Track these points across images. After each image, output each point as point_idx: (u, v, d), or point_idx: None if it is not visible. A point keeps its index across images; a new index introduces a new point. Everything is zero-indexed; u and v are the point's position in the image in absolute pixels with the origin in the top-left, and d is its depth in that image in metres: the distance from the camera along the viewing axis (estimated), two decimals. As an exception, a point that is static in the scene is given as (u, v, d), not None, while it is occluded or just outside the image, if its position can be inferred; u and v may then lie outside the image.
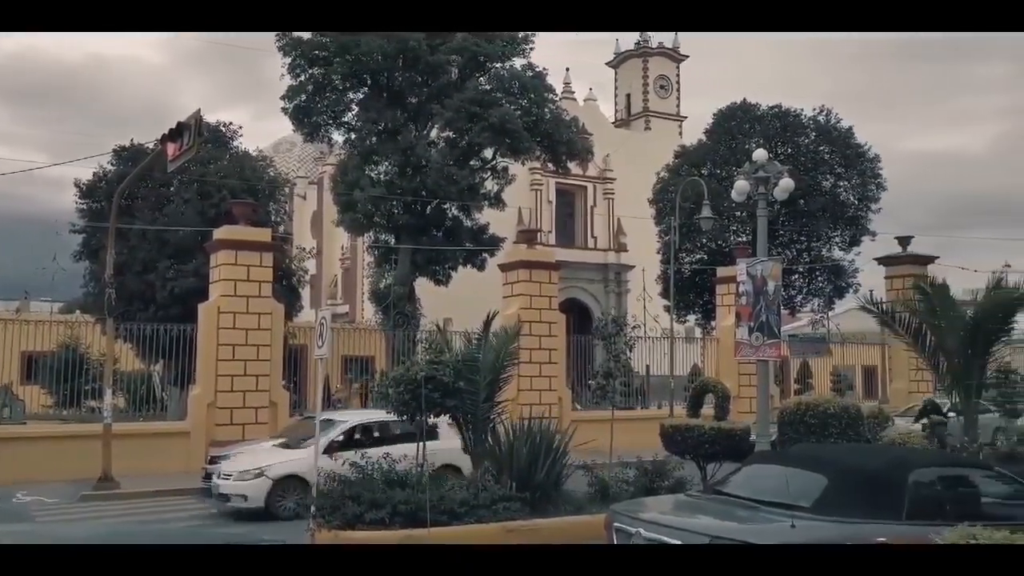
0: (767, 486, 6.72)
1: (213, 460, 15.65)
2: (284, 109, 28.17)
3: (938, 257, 27.45)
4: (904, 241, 27.40)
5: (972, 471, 7.56)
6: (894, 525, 6.09)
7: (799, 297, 36.88)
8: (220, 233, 19.13)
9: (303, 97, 27.82)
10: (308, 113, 28.14)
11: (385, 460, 11.44)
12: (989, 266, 34.89)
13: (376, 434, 14.30)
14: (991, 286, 15.46)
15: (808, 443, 12.79)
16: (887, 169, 37.62)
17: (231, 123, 27.99)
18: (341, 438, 13.83)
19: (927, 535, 4.97)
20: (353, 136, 29.15)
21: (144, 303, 22.97)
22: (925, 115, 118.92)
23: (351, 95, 28.83)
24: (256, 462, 13.58)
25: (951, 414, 16.96)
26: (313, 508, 10.57)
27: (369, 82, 28.21)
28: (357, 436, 14.18)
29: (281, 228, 26.88)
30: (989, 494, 7.02)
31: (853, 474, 6.63)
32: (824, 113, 36.26)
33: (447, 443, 13.14)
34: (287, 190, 31.00)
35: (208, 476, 15.56)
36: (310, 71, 27.59)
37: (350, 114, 29.09)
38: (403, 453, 12.60)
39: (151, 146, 17.98)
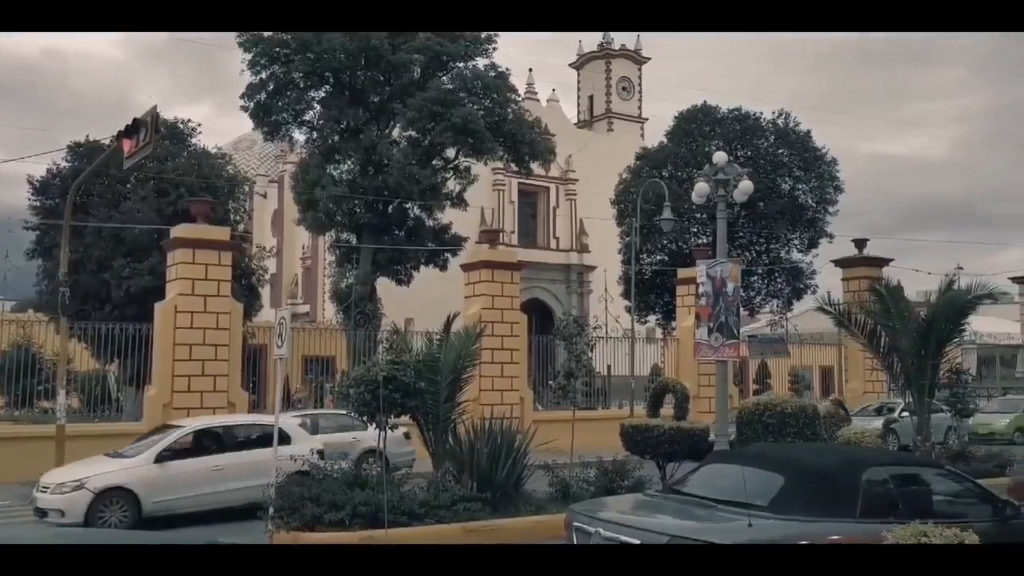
0: (725, 485, 6.78)
1: (43, 488, 14.94)
2: (244, 107, 27.89)
3: (893, 260, 27.98)
4: (860, 244, 27.87)
5: (924, 470, 7.71)
6: (848, 523, 6.19)
7: (758, 298, 37.33)
8: (177, 231, 18.87)
9: (263, 95, 27.56)
10: (268, 111, 27.87)
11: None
12: (942, 268, 35.65)
13: (217, 441, 13.29)
14: (944, 288, 15.81)
15: (765, 443, 12.96)
16: (844, 172, 38.24)
17: (189, 120, 27.58)
18: (175, 445, 12.77)
19: (880, 533, 5.06)
20: (314, 134, 28.94)
21: (99, 302, 22.59)
22: (882, 119, 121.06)
23: (312, 93, 28.61)
24: (76, 473, 12.31)
25: (905, 414, 17.30)
26: (272, 509, 10.47)
27: (331, 80, 28.01)
28: (194, 444, 13.15)
29: (240, 227, 26.56)
30: (940, 492, 7.16)
31: (808, 473, 6.72)
32: (783, 116, 36.77)
33: (299, 447, 12.87)
34: (247, 188, 30.69)
35: (39, 511, 14.84)
36: (271, 68, 27.32)
37: (311, 112, 28.90)
38: (246, 460, 12.46)
39: (107, 142, 17.66)
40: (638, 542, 6.06)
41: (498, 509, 10.88)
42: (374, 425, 11.27)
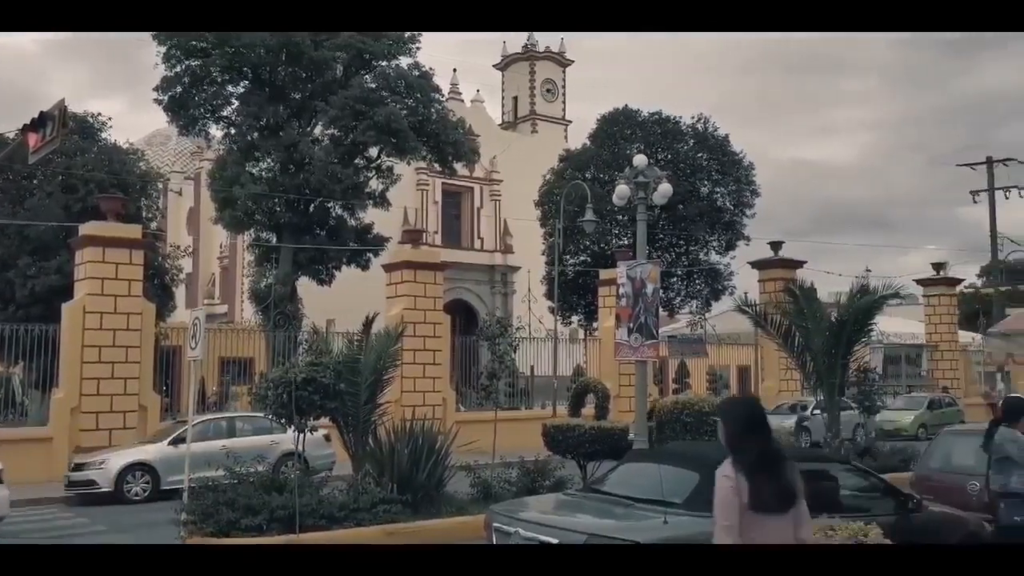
0: (642, 484, 6.87)
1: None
2: (158, 100, 27.11)
3: (806, 262, 28.77)
4: (775, 246, 28.59)
5: (831, 466, 7.93)
6: (760, 519, 6.32)
7: (678, 299, 38.08)
8: (86, 229, 18.23)
9: (179, 89, 26.82)
10: (184, 105, 27.15)
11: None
12: (853, 271, 36.85)
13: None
14: (854, 290, 16.33)
15: (682, 441, 13.18)
16: (761, 176, 39.29)
17: (100, 114, 26.71)
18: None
19: (789, 527, 5.17)
20: (233, 131, 28.30)
21: (3, 302, 21.86)
22: (796, 125, 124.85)
23: (231, 88, 28.00)
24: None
25: (816, 412, 17.81)
26: (184, 515, 10.18)
27: (250, 76, 27.46)
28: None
29: (153, 225, 25.83)
30: (847, 487, 7.39)
31: (722, 470, 6.85)
32: (702, 121, 37.58)
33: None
34: (160, 185, 29.82)
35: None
36: (187, 62, 26.61)
37: (229, 108, 28.23)
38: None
39: (12, 136, 16.95)
40: (556, 541, 6.09)
41: (419, 511, 10.81)
42: (292, 428, 11.13)
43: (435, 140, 28.03)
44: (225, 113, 28.28)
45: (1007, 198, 32.13)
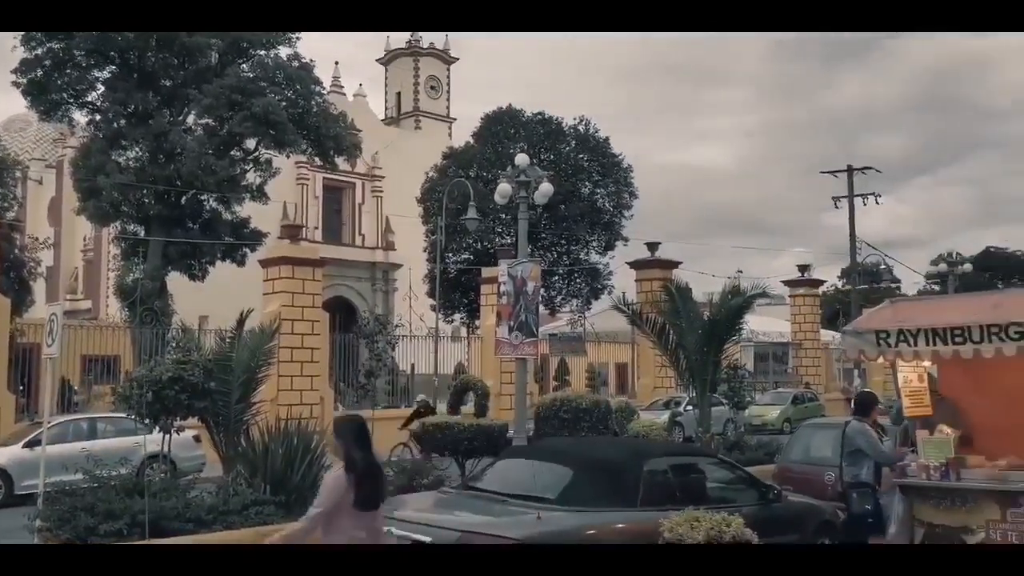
0: (517, 480, 6.92)
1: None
2: (16, 83, 25.52)
3: (682, 262, 29.62)
4: (652, 247, 29.32)
5: (700, 459, 8.22)
6: (629, 512, 6.48)
7: (559, 298, 38.63)
8: (-68, 217, 16.99)
9: (39, 71, 25.32)
10: (45, 89, 25.67)
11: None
12: (727, 271, 38.29)
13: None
14: (726, 290, 16.93)
15: (556, 437, 13.39)
16: (640, 179, 40.35)
17: (-50, 96, 24.93)
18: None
19: (658, 520, 5.32)
20: (98, 117, 26.99)
21: None
22: (676, 130, 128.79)
23: (96, 72, 26.68)
24: None
25: (689, 408, 18.40)
26: (38, 521, 9.59)
27: (117, 60, 26.22)
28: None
29: (10, 215, 24.31)
30: (714, 480, 7.66)
31: (594, 466, 6.98)
32: (583, 123, 38.22)
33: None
34: (18, 173, 28.08)
35: None
36: (48, 44, 25.15)
37: (95, 93, 26.94)
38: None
39: None
40: (430, 539, 6.05)
41: (293, 512, 10.52)
42: (158, 429, 10.68)
43: (315, 133, 27.44)
44: (90, 98, 26.96)
45: (864, 204, 33.96)
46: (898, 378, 7.76)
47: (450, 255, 35.63)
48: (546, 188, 14.56)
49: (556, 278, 37.51)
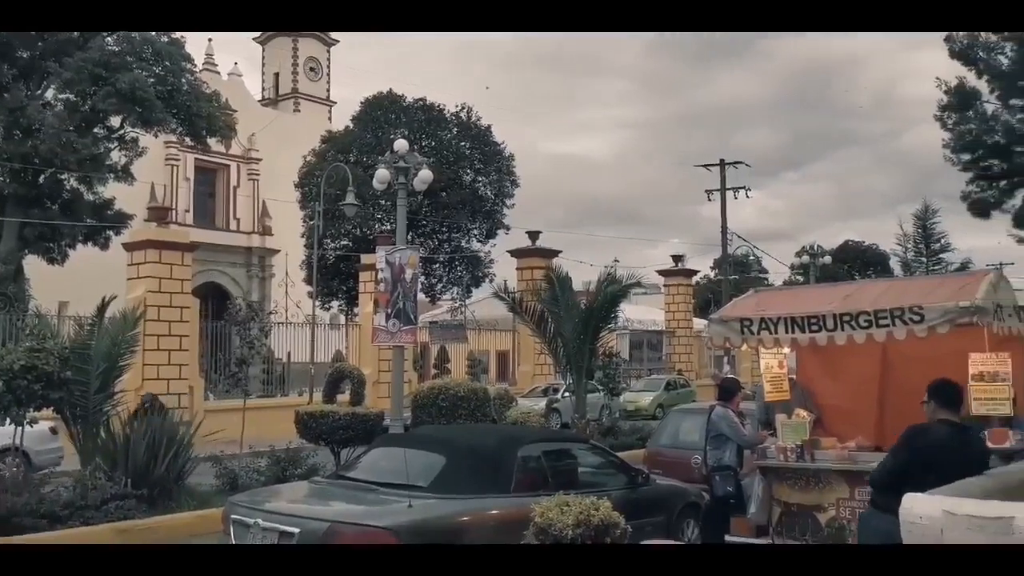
0: (390, 468, 6.85)
1: None
2: None
3: (562, 251, 30.05)
4: (533, 235, 29.63)
5: (572, 445, 8.36)
6: (503, 498, 6.52)
7: (439, 285, 38.55)
8: None
9: None
10: None
11: None
12: (606, 261, 39.13)
13: None
14: (603, 279, 17.30)
15: (431, 425, 13.37)
16: (521, 168, 40.55)
17: None
18: None
19: (530, 505, 5.37)
20: (-55, 89, 25.08)
21: None
22: (556, 120, 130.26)
23: (-59, 40, 24.78)
24: None
25: (567, 394, 18.71)
26: None
27: (-33, 27, 24.42)
28: None
29: None
30: (585, 465, 7.81)
31: (467, 453, 6.99)
32: (465, 110, 38.17)
33: None
34: None
35: None
36: None
37: (-60, 63, 25.00)
38: None
39: None
40: (298, 530, 5.93)
41: (156, 505, 10.19)
42: (10, 421, 10.10)
43: (186, 112, 26.38)
44: (-66, 68, 25.02)
45: (736, 198, 35.38)
46: (760, 364, 8.10)
47: (328, 241, 34.99)
48: (425, 175, 14.46)
49: (437, 266, 37.42)
